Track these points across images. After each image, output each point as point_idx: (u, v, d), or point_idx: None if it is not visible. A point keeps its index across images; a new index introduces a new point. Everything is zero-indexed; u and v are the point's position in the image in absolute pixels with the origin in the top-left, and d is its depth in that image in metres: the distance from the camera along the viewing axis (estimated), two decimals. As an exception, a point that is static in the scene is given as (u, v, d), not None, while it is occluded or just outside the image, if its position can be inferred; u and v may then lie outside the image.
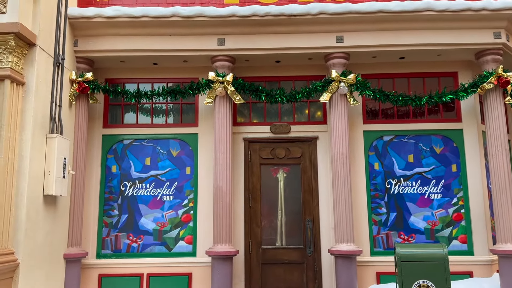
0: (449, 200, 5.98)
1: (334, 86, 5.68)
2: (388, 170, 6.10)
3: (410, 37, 5.67)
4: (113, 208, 6.09)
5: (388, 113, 6.30)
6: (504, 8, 5.50)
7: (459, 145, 6.05)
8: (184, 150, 6.20)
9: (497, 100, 5.68)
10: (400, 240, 5.91)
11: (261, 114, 6.32)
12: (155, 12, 5.60)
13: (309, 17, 5.56)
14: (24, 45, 4.74)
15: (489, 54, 5.73)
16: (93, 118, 6.18)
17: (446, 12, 5.50)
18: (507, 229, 5.46)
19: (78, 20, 5.64)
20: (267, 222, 6.05)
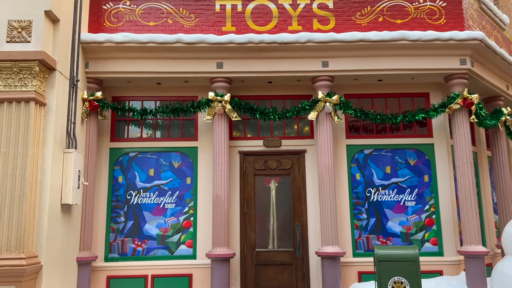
0: (422, 207, 6.72)
1: (320, 106, 6.37)
2: (368, 180, 6.82)
3: (387, 62, 6.41)
4: (119, 215, 6.65)
5: (368, 129, 7.03)
6: (468, 39, 6.29)
7: (430, 158, 6.81)
8: (185, 162, 6.81)
9: (463, 118, 6.46)
10: (378, 242, 6.62)
11: (255, 129, 6.98)
12: (160, 39, 6.21)
13: (298, 44, 6.25)
14: (46, 70, 5.31)
15: (456, 78, 6.51)
16: (101, 133, 6.74)
17: (418, 42, 6.26)
18: (472, 232, 6.22)
19: (90, 45, 6.22)
20: (260, 227, 6.68)
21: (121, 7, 6.60)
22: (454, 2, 6.64)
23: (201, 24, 6.55)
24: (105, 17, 6.56)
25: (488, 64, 6.98)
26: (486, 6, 7.56)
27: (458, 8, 6.62)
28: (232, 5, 6.60)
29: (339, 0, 6.61)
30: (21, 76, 5.10)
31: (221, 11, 6.59)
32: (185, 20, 6.57)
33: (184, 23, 6.56)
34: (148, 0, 6.62)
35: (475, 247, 6.15)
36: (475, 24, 7.01)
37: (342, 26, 6.52)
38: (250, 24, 6.55)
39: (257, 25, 6.55)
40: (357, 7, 6.59)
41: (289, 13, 6.58)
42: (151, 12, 6.59)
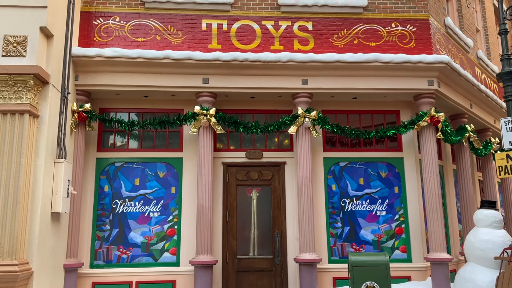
0: (392, 216, 7.22)
1: (300, 121, 6.80)
2: (343, 191, 7.27)
3: (361, 82, 6.90)
4: (105, 223, 6.86)
5: (344, 143, 7.50)
6: (435, 62, 6.86)
7: (400, 171, 7.33)
8: (170, 172, 7.09)
9: (430, 135, 7.00)
10: (352, 250, 7.06)
11: (238, 141, 7.34)
12: (149, 54, 6.51)
13: (280, 63, 6.67)
14: (40, 83, 5.53)
15: (424, 98, 7.07)
16: (88, 143, 6.96)
17: (390, 64, 6.78)
18: (437, 241, 6.74)
19: (80, 59, 6.46)
20: (241, 235, 7.01)
21: (111, 23, 6.87)
22: (423, 27, 7.22)
23: (188, 41, 6.89)
24: (95, 32, 6.81)
25: (454, 84, 7.59)
26: (452, 31, 8.20)
27: (427, 33, 7.20)
28: (218, 24, 6.97)
29: (318, 23, 7.09)
30: (16, 89, 5.31)
31: (207, 29, 6.95)
32: (173, 37, 6.90)
33: (172, 40, 6.89)
34: (137, 17, 6.92)
35: (440, 254, 6.66)
36: (442, 48, 7.62)
37: (320, 47, 6.99)
38: (235, 42, 6.93)
39: (242, 44, 6.94)
40: (335, 30, 7.08)
41: (271, 34, 7.00)
42: (140, 28, 6.89)
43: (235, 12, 7.03)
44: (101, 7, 6.91)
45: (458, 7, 9.32)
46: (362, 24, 7.13)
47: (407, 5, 7.28)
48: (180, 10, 6.97)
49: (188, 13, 6.97)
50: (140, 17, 6.93)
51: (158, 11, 6.96)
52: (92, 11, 6.88)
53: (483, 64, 9.81)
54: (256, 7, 7.07)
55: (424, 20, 7.22)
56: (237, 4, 7.06)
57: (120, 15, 6.91)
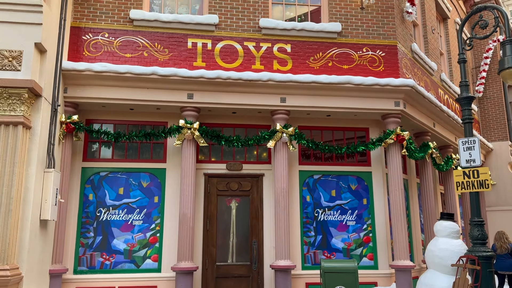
0: (361, 226, 7.79)
1: (278, 136, 7.29)
2: (316, 202, 7.79)
3: (335, 101, 7.47)
4: (89, 231, 7.11)
5: (318, 157, 8.04)
6: (402, 85, 7.50)
7: (368, 184, 7.93)
8: (153, 182, 7.42)
9: (396, 151, 7.63)
10: (324, 257, 7.57)
11: (219, 153, 7.75)
12: (137, 70, 6.87)
13: (261, 82, 7.16)
14: (33, 96, 5.80)
15: (391, 117, 7.70)
16: (74, 153, 7.21)
17: (361, 85, 7.38)
18: (401, 249, 7.33)
19: (70, 72, 6.74)
20: (221, 242, 7.40)
21: (100, 39, 7.19)
22: (391, 52, 7.88)
23: (174, 58, 7.29)
24: (85, 46, 7.12)
25: (418, 105, 8.28)
26: (418, 55, 8.93)
27: (394, 58, 7.87)
28: (203, 43, 7.41)
29: (296, 46, 7.63)
30: (10, 102, 5.56)
31: (193, 48, 7.37)
32: (159, 54, 7.28)
33: (158, 56, 7.27)
34: (126, 34, 7.27)
35: (404, 262, 7.25)
36: (408, 71, 8.31)
37: (298, 68, 7.53)
38: (219, 61, 7.38)
39: (225, 63, 7.39)
40: (311, 53, 7.64)
41: (253, 54, 7.49)
42: (128, 44, 7.24)
43: (219, 32, 7.49)
44: (90, 23, 7.23)
45: (424, 32, 10.10)
46: (336, 48, 7.73)
47: (377, 32, 7.94)
48: (167, 29, 7.37)
49: (174, 32, 7.37)
50: (128, 34, 7.28)
51: (146, 29, 7.33)
52: (82, 26, 7.18)
53: (446, 86, 10.63)
54: (239, 29, 7.55)
55: (392, 46, 7.89)
56: (221, 25, 7.52)
57: (109, 31, 7.25)
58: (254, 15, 7.66)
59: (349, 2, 8.00)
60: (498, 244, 8.60)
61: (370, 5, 8.00)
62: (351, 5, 7.99)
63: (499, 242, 8.57)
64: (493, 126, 14.49)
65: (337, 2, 7.95)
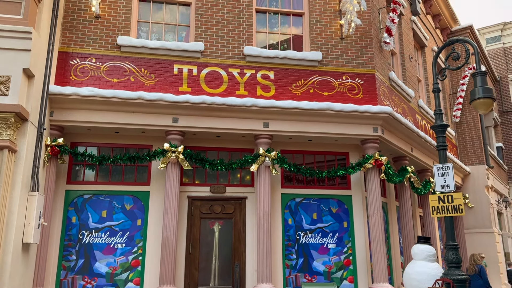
0: (341, 249, 7.95)
1: (261, 160, 7.47)
2: (298, 224, 7.94)
3: (316, 127, 7.72)
4: (71, 254, 7.11)
5: (299, 180, 8.23)
6: (379, 112, 7.81)
7: (349, 207, 8.13)
8: (136, 205, 7.49)
9: (374, 175, 7.88)
10: (305, 280, 7.68)
11: (203, 176, 7.88)
12: (123, 95, 7.02)
13: (244, 107, 7.37)
14: (19, 121, 5.89)
15: (370, 142, 7.98)
16: (59, 176, 7.26)
17: (340, 112, 7.66)
18: (380, 272, 7.51)
19: (57, 96, 6.85)
20: (203, 265, 7.46)
21: (87, 64, 7.34)
22: (369, 81, 8.22)
23: (160, 83, 7.47)
24: (72, 71, 7.26)
25: (396, 131, 8.60)
26: (395, 83, 9.30)
27: (373, 86, 8.20)
28: (189, 69, 7.62)
29: (279, 73, 7.91)
30: (-4, 125, 5.64)
31: (178, 73, 7.58)
32: (146, 79, 7.46)
33: (145, 81, 7.44)
34: (113, 59, 7.45)
35: (383, 285, 7.42)
36: (386, 99, 8.65)
37: (280, 94, 7.79)
38: (204, 86, 7.59)
39: (210, 88, 7.60)
40: (293, 80, 7.92)
41: (237, 80, 7.73)
42: (115, 70, 7.41)
43: (205, 59, 7.72)
44: (78, 48, 7.39)
45: (401, 61, 10.53)
46: (317, 75, 8.03)
47: (356, 61, 8.29)
48: (154, 55, 7.57)
49: (161, 58, 7.58)
50: (115, 59, 7.46)
51: (133, 55, 7.52)
52: (70, 51, 7.34)
53: (423, 111, 11.03)
54: (224, 56, 7.80)
55: (370, 75, 8.24)
56: (206, 52, 7.76)
57: (96, 57, 7.41)
58: (238, 43, 7.93)
59: (329, 32, 8.35)
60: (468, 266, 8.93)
61: (349, 35, 8.36)
62: (331, 35, 8.35)
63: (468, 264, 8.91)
64: (470, 150, 14.96)
65: (318, 32, 8.29)
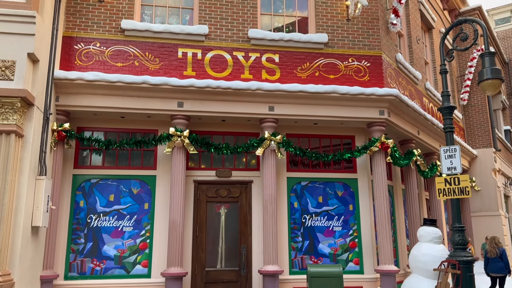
0: (347, 231, 7.98)
1: (266, 144, 7.47)
2: (304, 208, 7.97)
3: (321, 110, 7.68)
4: (79, 237, 7.21)
5: (305, 163, 8.23)
6: (386, 94, 7.74)
7: (354, 190, 8.13)
8: (143, 189, 7.54)
9: (381, 159, 7.85)
10: (311, 262, 7.74)
11: (209, 161, 7.90)
12: (128, 79, 7.00)
13: (249, 91, 7.34)
14: (25, 105, 5.91)
15: (376, 125, 7.93)
16: (66, 160, 7.31)
17: (346, 95, 7.60)
18: (386, 254, 7.54)
19: (62, 81, 6.86)
20: (210, 248, 7.54)
21: (92, 48, 7.33)
22: (376, 63, 8.13)
23: (165, 67, 7.44)
24: (76, 56, 7.25)
25: (402, 114, 8.53)
26: (403, 65, 9.19)
27: (379, 68, 8.12)
28: (193, 53, 7.58)
29: (284, 56, 7.84)
30: (3, 111, 5.67)
31: (183, 57, 7.54)
32: (150, 63, 7.43)
33: (149, 65, 7.42)
34: (117, 44, 7.42)
35: (389, 267, 7.45)
36: (393, 81, 8.56)
37: (286, 77, 7.74)
38: (208, 70, 7.56)
39: (214, 72, 7.57)
40: (298, 63, 7.85)
41: (242, 64, 7.68)
42: (119, 54, 7.38)
43: (209, 42, 7.67)
44: (82, 33, 7.36)
45: (409, 43, 10.39)
46: (323, 58, 7.95)
47: (363, 43, 8.19)
48: (158, 39, 7.53)
49: (165, 42, 7.54)
50: (119, 43, 7.43)
51: (137, 39, 7.49)
52: (74, 36, 7.31)
53: (430, 94, 10.92)
54: (228, 39, 7.74)
55: (377, 57, 8.14)
56: (211, 36, 7.70)
57: (101, 41, 7.38)
58: (243, 25, 7.85)
59: (336, 14, 8.24)
60: (488, 248, 8.94)
61: (355, 16, 8.24)
62: (337, 16, 8.23)
63: (489, 247, 8.92)
64: (477, 133, 14.84)
65: (324, 14, 8.18)
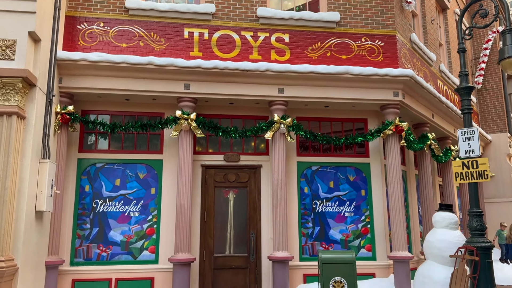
0: (359, 217, 7.75)
1: (276, 127, 7.22)
2: (314, 193, 7.75)
3: (333, 92, 7.39)
4: (85, 222, 7.06)
5: (316, 148, 7.98)
6: (400, 75, 7.43)
7: (367, 175, 7.88)
8: (150, 173, 7.36)
9: (395, 142, 7.58)
10: (322, 248, 7.54)
11: (216, 145, 7.69)
12: (133, 60, 6.77)
13: (258, 72, 7.07)
14: (27, 86, 5.71)
15: (390, 108, 7.63)
16: (70, 144, 7.14)
17: (359, 76, 7.30)
18: (400, 240, 7.31)
19: (65, 62, 6.64)
20: (218, 234, 7.37)
21: (95, 28, 7.09)
22: (390, 42, 7.80)
23: (170, 48, 7.19)
24: (80, 36, 7.02)
25: (417, 96, 8.22)
26: (417, 46, 8.84)
27: (393, 48, 7.79)
28: (200, 33, 7.31)
29: (294, 35, 7.54)
30: (4, 91, 5.48)
31: (189, 37, 7.28)
32: (155, 43, 7.18)
33: (154, 46, 7.17)
34: (121, 23, 7.17)
35: (402, 253, 7.23)
36: (407, 62, 8.23)
37: (296, 58, 7.45)
38: (216, 51, 7.29)
39: (222, 52, 7.30)
40: (309, 43, 7.55)
41: (250, 44, 7.40)
42: (123, 34, 7.14)
43: (216, 22, 7.39)
44: (85, 13, 7.12)
45: (423, 23, 10.01)
46: (335, 38, 7.64)
47: (376, 22, 7.85)
48: (163, 18, 7.26)
49: (171, 21, 7.27)
50: (124, 23, 7.18)
51: (142, 18, 7.23)
52: (77, 16, 7.07)
53: (445, 76, 10.56)
54: (236, 18, 7.45)
55: (391, 36, 7.81)
56: (218, 15, 7.42)
57: (104, 21, 7.14)
58: (251, 4, 7.55)
59: (348, -9, 7.89)
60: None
61: (369, -6, 7.90)
62: (350, -6, 7.89)
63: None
64: (492, 117, 14.44)
65: (336, -9, 7.85)
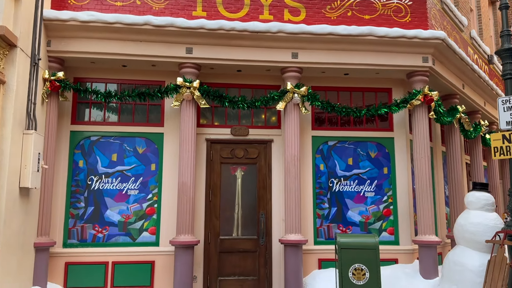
0: (381, 197, 7.00)
1: (289, 96, 6.45)
2: (331, 170, 7.00)
3: (354, 57, 6.56)
4: (79, 201, 6.45)
5: (333, 121, 7.19)
6: (431, 38, 6.55)
7: (390, 151, 7.09)
8: (149, 148, 6.69)
9: (423, 114, 6.75)
10: (339, 231, 6.84)
11: (223, 117, 6.96)
12: (128, 20, 6.02)
13: (269, 34, 6.27)
14: (6, 46, 5.02)
15: (418, 75, 6.78)
16: (62, 115, 6.48)
17: (385, 38, 6.44)
18: (426, 223, 6.55)
19: (53, 22, 5.93)
20: (225, 215, 6.70)
21: (87, -16, 6.32)
22: (419, 1, 6.88)
23: (171, 7, 6.40)
24: (70, -7, 6.27)
25: (448, 63, 7.32)
26: (448, 7, 7.89)
27: (423, 7, 6.87)
28: (204, -11, 6.50)
29: (311, -8, 6.68)
30: (-22, 51, 4.80)
31: (192, -5, 6.47)
32: (154, 2, 6.40)
33: (153, 4, 6.39)
34: (116, -21, 6.39)
35: (429, 237, 6.48)
36: (437, 24, 7.30)
37: (312, 18, 6.59)
38: (221, 10, 6.48)
39: (228, 12, 6.49)
40: (328, 0, 6.68)
41: (260, 2, 6.56)
42: (119, -9, 6.37)
43: (222, -23, 6.55)
44: (76, -33, 6.35)
45: (453, -16, 9.00)
46: (357, -5, 6.75)
47: (404, -23, 6.92)
48: (163, -27, 6.46)
49: (171, -23, 6.46)
50: (119, -21, 6.40)
51: (139, -26, 6.43)
52: (66, -29, 6.31)
53: (475, 44, 9.58)
54: (244, -27, 6.60)
55: (420, -6, 6.88)
56: (224, -31, 6.58)
57: (97, -23, 6.37)
58: (262, -43, 6.68)
59: None
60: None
61: None
62: None
63: None
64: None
65: None
